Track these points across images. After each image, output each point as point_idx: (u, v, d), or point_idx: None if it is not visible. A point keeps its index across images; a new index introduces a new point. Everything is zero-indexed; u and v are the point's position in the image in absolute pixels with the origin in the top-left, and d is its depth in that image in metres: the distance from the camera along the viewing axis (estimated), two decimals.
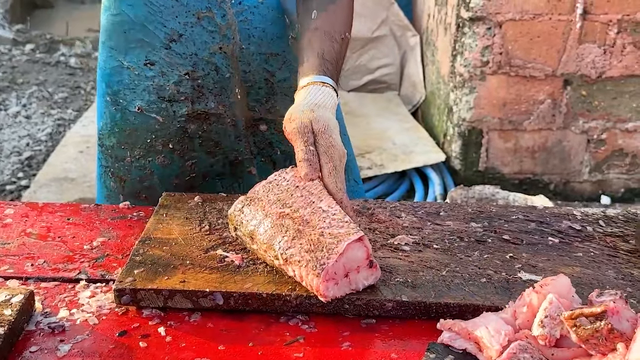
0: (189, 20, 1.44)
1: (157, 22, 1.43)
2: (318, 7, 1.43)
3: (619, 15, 3.54)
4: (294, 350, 1.00)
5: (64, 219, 1.35)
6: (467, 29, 3.61)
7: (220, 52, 1.47)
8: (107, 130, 1.57)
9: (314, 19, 1.41)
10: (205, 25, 1.45)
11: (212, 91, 1.49)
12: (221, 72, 1.48)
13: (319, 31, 1.39)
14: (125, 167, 1.56)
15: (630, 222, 1.36)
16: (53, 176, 4.00)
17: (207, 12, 1.44)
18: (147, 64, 1.46)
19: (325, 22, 1.41)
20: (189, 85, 1.47)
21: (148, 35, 1.44)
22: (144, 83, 1.48)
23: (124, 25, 1.45)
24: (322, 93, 1.26)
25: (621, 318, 0.88)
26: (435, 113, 4.20)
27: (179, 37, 1.44)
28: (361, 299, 1.07)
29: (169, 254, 1.17)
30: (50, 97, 5.51)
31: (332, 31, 1.39)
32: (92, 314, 1.06)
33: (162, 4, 1.43)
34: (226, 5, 1.45)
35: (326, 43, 1.37)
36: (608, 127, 3.77)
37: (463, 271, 1.16)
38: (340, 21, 1.44)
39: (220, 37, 1.46)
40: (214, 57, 1.47)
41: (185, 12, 1.43)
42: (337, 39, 1.39)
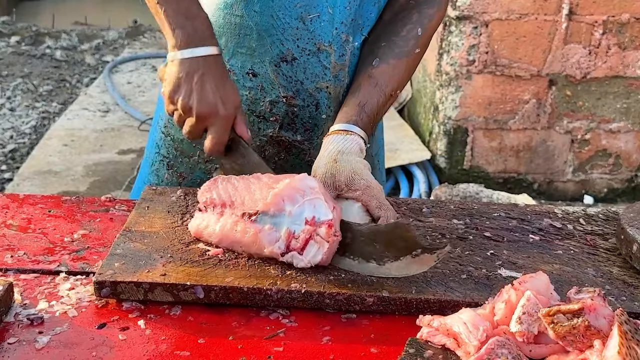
0: (308, 47, 1.38)
1: (276, 38, 1.37)
2: (382, 56, 1.38)
3: (605, 16, 3.57)
4: (274, 344, 1.00)
5: (45, 211, 1.34)
6: (454, 28, 3.62)
7: (327, 90, 1.42)
8: None
9: (374, 66, 1.38)
10: (322, 59, 1.39)
11: (305, 124, 1.44)
12: (320, 109, 1.43)
13: (372, 80, 1.36)
14: (189, 165, 1.51)
15: (611, 220, 1.37)
16: (37, 169, 3.97)
17: (327, 47, 1.38)
18: (249, 73, 1.40)
19: (382, 74, 1.37)
20: (283, 109, 1.43)
21: (262, 47, 1.38)
22: (239, 91, 1.39)
23: (242, 29, 1.38)
24: (345, 140, 1.27)
25: (598, 315, 0.89)
26: (422, 111, 4.22)
27: (292, 60, 1.39)
28: (342, 293, 1.08)
29: (150, 247, 1.17)
30: (35, 89, 5.47)
31: (385, 85, 1.36)
32: (72, 306, 1.06)
33: (288, 22, 1.36)
34: (348, 46, 1.40)
35: (373, 95, 1.35)
36: (592, 127, 3.80)
37: (444, 267, 1.16)
38: (397, 78, 1.39)
39: (332, 76, 1.41)
40: (319, 93, 1.42)
41: (307, 38, 1.37)
42: (386, 93, 1.37)
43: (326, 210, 1.11)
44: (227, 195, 1.17)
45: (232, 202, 1.16)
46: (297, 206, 1.11)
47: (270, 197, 1.12)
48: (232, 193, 1.17)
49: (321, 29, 1.37)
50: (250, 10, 1.36)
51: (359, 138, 1.29)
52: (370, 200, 1.22)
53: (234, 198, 1.16)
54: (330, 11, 1.36)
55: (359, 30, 1.41)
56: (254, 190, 1.16)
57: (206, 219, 1.18)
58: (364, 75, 1.38)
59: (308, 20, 1.36)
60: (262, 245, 1.12)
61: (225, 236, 1.15)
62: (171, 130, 1.51)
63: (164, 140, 1.53)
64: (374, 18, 1.42)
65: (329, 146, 1.28)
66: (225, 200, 1.17)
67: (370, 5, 1.41)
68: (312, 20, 1.36)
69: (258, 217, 1.12)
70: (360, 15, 1.40)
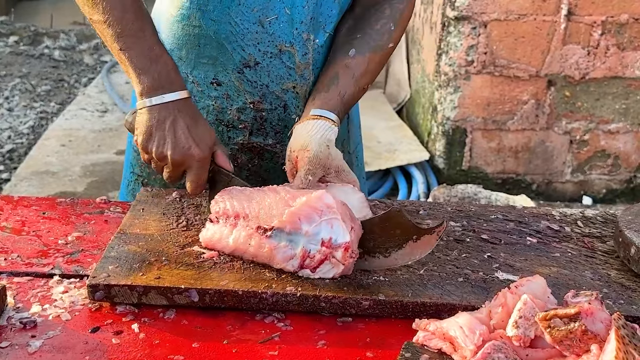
0: (270, 50, 1.37)
1: (237, 44, 1.36)
2: (358, 47, 1.38)
3: (603, 17, 3.56)
4: (269, 348, 1.00)
5: (39, 213, 1.33)
6: (453, 28, 3.62)
7: (293, 90, 1.42)
8: None
9: (350, 56, 1.37)
10: (285, 60, 1.39)
11: (274, 127, 1.44)
12: (289, 110, 1.43)
13: (349, 71, 1.36)
14: (163, 182, 1.46)
15: (608, 223, 1.36)
16: (34, 170, 3.96)
17: (289, 47, 1.38)
18: (213, 82, 1.39)
19: (358, 65, 1.37)
20: (251, 115, 1.42)
21: (223, 55, 1.37)
22: (205, 101, 1.41)
23: (201, 39, 1.36)
24: (331, 130, 1.29)
25: (595, 319, 0.88)
26: (420, 112, 4.21)
27: (255, 64, 1.38)
28: (337, 297, 1.07)
29: (144, 249, 1.16)
30: (33, 89, 5.46)
31: (360, 78, 1.37)
32: (65, 309, 1.05)
33: (247, 28, 1.35)
34: (310, 44, 1.40)
35: (350, 87, 1.36)
36: (591, 128, 3.79)
37: (441, 270, 1.16)
38: (371, 72, 1.40)
39: (297, 75, 1.41)
40: (285, 94, 1.41)
41: (268, 41, 1.37)
42: (360, 86, 1.38)
43: (344, 232, 1.09)
44: (241, 206, 1.15)
45: (246, 214, 1.14)
46: (314, 226, 1.09)
47: (286, 215, 1.10)
48: (246, 205, 1.15)
49: (281, 30, 1.36)
50: (207, 20, 1.35)
51: (337, 129, 1.31)
52: None
53: (248, 210, 1.15)
54: (287, 12, 1.35)
55: (321, 28, 1.41)
56: (270, 204, 1.14)
57: (219, 231, 1.16)
58: (341, 64, 1.37)
59: (267, 23, 1.35)
60: (276, 261, 1.11)
61: (238, 249, 1.14)
62: None
63: (137, 158, 1.52)
64: (335, 15, 1.42)
65: (316, 132, 1.27)
66: (239, 212, 1.15)
67: (330, 3, 1.40)
68: (270, 23, 1.35)
69: (273, 232, 1.10)
70: (320, 14, 1.39)
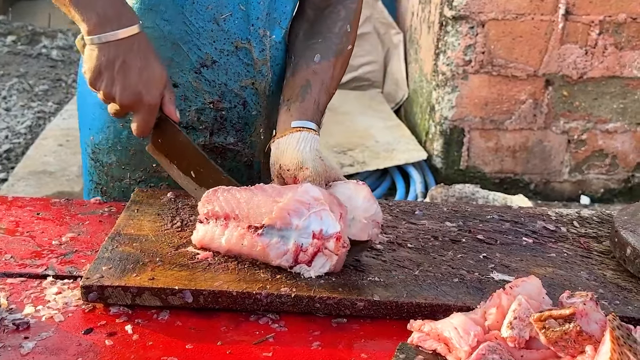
0: (226, 47, 1.36)
1: (193, 44, 1.35)
2: (322, 52, 1.38)
3: (601, 16, 3.56)
4: (263, 349, 0.99)
5: (34, 213, 1.32)
6: (450, 28, 3.61)
7: (252, 87, 1.41)
8: (106, 146, 1.46)
9: (316, 62, 1.37)
10: (242, 57, 1.38)
11: (235, 126, 1.43)
12: (248, 107, 1.42)
13: (318, 77, 1.36)
14: (122, 189, 1.47)
15: (605, 223, 1.36)
16: (32, 169, 3.95)
17: (246, 44, 1.37)
18: None
19: (325, 71, 1.37)
20: (211, 115, 1.41)
21: (179, 56, 1.35)
22: None
23: (154, 41, 1.32)
24: (315, 141, 1.28)
25: (590, 320, 0.88)
26: (418, 111, 4.20)
27: (212, 63, 1.37)
28: (332, 298, 1.06)
29: (138, 250, 1.15)
30: (31, 89, 5.46)
31: (329, 84, 1.37)
32: (58, 310, 1.04)
33: (202, 26, 1.34)
34: (267, 40, 1.39)
35: (322, 94, 1.35)
36: (588, 127, 3.79)
37: (436, 271, 1.15)
38: (337, 77, 1.40)
39: (255, 72, 1.40)
40: (244, 91, 1.40)
41: (224, 38, 1.35)
42: (329, 93, 1.38)
43: (333, 222, 1.09)
44: (230, 207, 1.15)
45: (236, 214, 1.14)
46: (304, 219, 1.09)
47: (275, 211, 1.10)
48: (234, 205, 1.14)
49: (236, 27, 1.35)
50: (160, 20, 1.33)
51: (318, 139, 1.31)
52: None
53: (237, 210, 1.14)
54: (242, 8, 1.35)
55: (277, 24, 1.41)
56: (258, 202, 1.13)
57: (210, 231, 1.16)
58: (308, 70, 1.37)
59: (221, 21, 1.34)
60: (270, 258, 1.11)
61: (231, 249, 1.14)
62: (99, 156, 1.48)
63: (94, 166, 1.50)
64: (290, 11, 1.42)
65: (304, 143, 1.27)
66: (229, 213, 1.14)
67: None
68: (225, 20, 1.35)
69: (264, 230, 1.10)
70: (274, 9, 1.39)
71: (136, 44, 1.20)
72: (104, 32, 1.18)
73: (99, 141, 1.47)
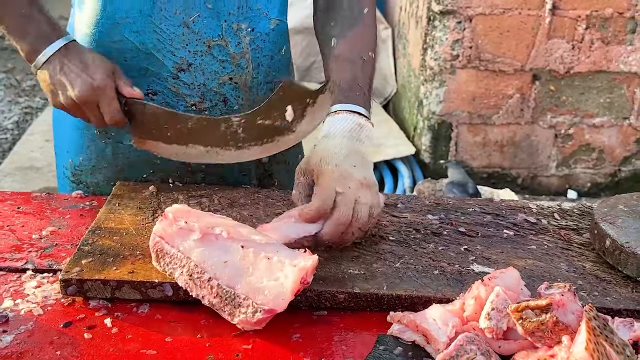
0: (199, 48, 1.35)
1: (166, 51, 1.34)
2: (338, 33, 1.37)
3: (588, 11, 3.57)
4: (243, 341, 0.99)
5: (14, 207, 1.32)
6: (438, 23, 3.61)
7: (231, 82, 1.40)
8: (88, 167, 1.46)
9: (334, 47, 1.37)
10: (216, 54, 1.37)
11: None
12: (229, 103, 1.41)
13: (339, 59, 1.35)
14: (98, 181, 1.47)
15: (585, 215, 1.37)
16: (18, 165, 3.94)
17: (219, 41, 1.36)
18: (149, 93, 1.36)
19: (345, 48, 1.36)
20: None
21: (154, 65, 1.35)
22: None
23: (126, 53, 1.33)
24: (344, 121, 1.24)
25: (566, 311, 0.88)
26: (406, 106, 4.21)
27: (188, 66, 1.36)
28: (312, 290, 1.06)
29: (119, 244, 1.15)
30: (18, 84, 5.42)
31: (352, 56, 1.35)
32: (37, 304, 1.04)
33: (173, 32, 1.33)
34: (242, 34, 1.38)
35: (345, 71, 1.32)
36: (575, 122, 3.81)
37: (417, 263, 1.16)
38: (361, 44, 1.37)
39: (233, 66, 1.38)
40: (223, 88, 1.39)
41: (196, 40, 1.35)
42: (357, 62, 1.35)
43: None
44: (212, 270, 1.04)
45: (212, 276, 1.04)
46: None
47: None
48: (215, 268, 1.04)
49: (206, 26, 1.35)
50: (130, 33, 1.33)
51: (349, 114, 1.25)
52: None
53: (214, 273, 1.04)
54: (210, 7, 1.34)
55: (262, 15, 1.39)
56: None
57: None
58: (330, 58, 1.37)
59: (191, 23, 1.34)
60: None
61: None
62: (81, 177, 1.47)
63: (76, 187, 1.49)
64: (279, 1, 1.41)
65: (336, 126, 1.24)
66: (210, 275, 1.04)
67: None
68: (194, 22, 1.34)
69: None
70: (255, 1, 1.38)
71: (69, 50, 1.27)
72: (37, 56, 1.27)
73: (79, 162, 1.46)
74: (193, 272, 1.02)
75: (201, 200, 1.33)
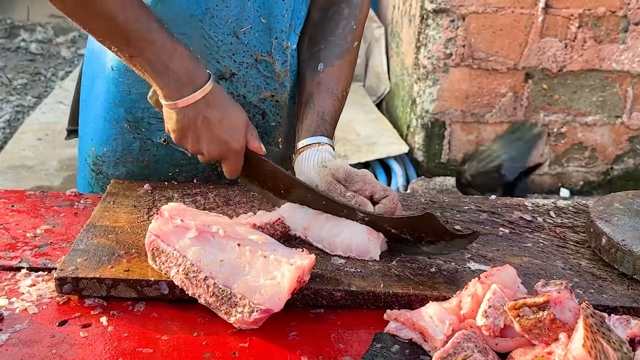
0: (245, 60, 1.34)
1: (211, 57, 1.32)
2: (325, 59, 1.37)
3: (580, 10, 3.58)
4: (239, 339, 0.99)
5: (8, 205, 1.31)
6: (431, 21, 3.62)
7: (272, 99, 1.39)
8: (113, 158, 1.43)
9: (320, 71, 1.36)
10: (262, 69, 1.36)
11: None
12: (267, 118, 1.40)
13: (322, 87, 1.35)
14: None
15: (581, 213, 1.37)
16: (10, 164, 3.92)
17: (266, 57, 1.35)
18: None
19: (330, 77, 1.36)
20: None
21: None
22: None
23: None
24: (318, 152, 1.28)
25: (564, 308, 0.88)
26: (399, 105, 4.21)
27: (231, 76, 1.34)
28: (310, 288, 1.06)
29: (114, 242, 1.14)
30: (10, 83, 5.40)
31: (335, 88, 1.36)
32: (32, 302, 1.03)
33: (221, 40, 1.31)
34: (289, 51, 1.36)
35: (327, 101, 1.34)
36: (568, 120, 3.82)
37: (413, 261, 1.15)
38: (344, 78, 1.39)
39: (277, 84, 1.38)
40: (264, 103, 1.38)
41: (244, 51, 1.33)
42: (338, 96, 1.36)
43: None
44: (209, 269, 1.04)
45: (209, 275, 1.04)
46: None
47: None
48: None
49: (256, 40, 1.34)
50: (177, 34, 1.27)
51: (328, 146, 1.30)
52: (375, 186, 1.23)
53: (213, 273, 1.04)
54: (263, 21, 1.33)
55: (292, 31, 1.39)
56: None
57: None
58: (313, 82, 1.36)
59: (241, 34, 1.32)
60: None
61: None
62: (102, 168, 1.45)
63: (96, 178, 1.47)
64: (303, 16, 1.40)
65: (308, 162, 1.27)
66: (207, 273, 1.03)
67: (299, 4, 1.38)
68: (245, 33, 1.33)
69: None
70: (297, 18, 1.37)
71: (212, 98, 1.21)
72: (182, 97, 1.19)
73: (103, 153, 1.44)
74: (189, 270, 1.02)
75: (196, 199, 1.33)
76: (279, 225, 1.17)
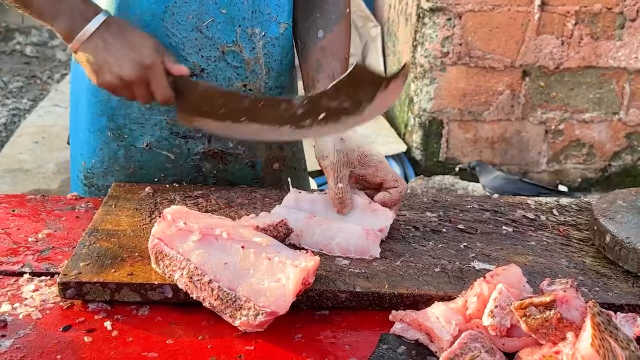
0: (212, 54, 1.34)
1: (178, 55, 1.32)
2: (324, 26, 1.38)
3: (577, 7, 3.59)
4: (245, 342, 0.98)
5: (9, 210, 1.30)
6: (428, 20, 3.62)
7: (245, 89, 1.38)
8: (101, 169, 1.44)
9: (321, 38, 1.37)
10: (230, 61, 1.35)
11: None
12: None
13: (327, 51, 1.36)
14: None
15: (584, 211, 1.37)
16: (7, 167, 3.91)
17: (233, 46, 1.35)
18: None
19: (332, 42, 1.38)
20: None
21: None
22: (155, 117, 1.38)
23: None
24: None
25: (570, 307, 0.88)
26: (397, 104, 4.21)
27: (201, 71, 1.34)
28: (314, 290, 1.06)
29: (116, 245, 1.14)
30: (5, 86, 5.38)
31: (339, 51, 1.37)
32: (36, 308, 1.03)
33: (185, 36, 1.32)
34: (256, 39, 1.36)
35: (335, 64, 1.35)
36: (565, 117, 3.82)
37: (417, 261, 1.15)
38: (345, 42, 1.40)
39: (247, 73, 1.37)
40: None
41: (209, 45, 1.33)
42: (342, 59, 1.37)
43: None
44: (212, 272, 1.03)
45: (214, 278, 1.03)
46: None
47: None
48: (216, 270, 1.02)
49: (220, 31, 1.34)
50: None
51: None
52: (387, 174, 1.24)
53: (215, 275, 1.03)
54: (223, 11, 1.33)
55: (272, 20, 1.38)
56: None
57: None
58: (316, 48, 1.37)
59: (204, 28, 1.33)
60: None
61: None
62: (93, 180, 1.46)
63: (89, 192, 1.47)
64: (286, 3, 1.40)
65: None
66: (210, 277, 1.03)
67: None
68: (208, 27, 1.33)
69: None
70: (266, 5, 1.37)
71: (109, 27, 1.21)
72: (77, 35, 1.20)
73: (92, 165, 1.45)
74: (193, 274, 1.01)
75: (198, 201, 1.32)
76: (282, 226, 1.16)
